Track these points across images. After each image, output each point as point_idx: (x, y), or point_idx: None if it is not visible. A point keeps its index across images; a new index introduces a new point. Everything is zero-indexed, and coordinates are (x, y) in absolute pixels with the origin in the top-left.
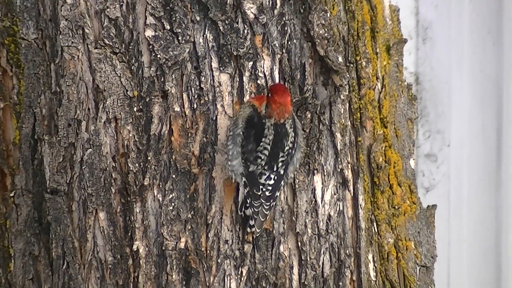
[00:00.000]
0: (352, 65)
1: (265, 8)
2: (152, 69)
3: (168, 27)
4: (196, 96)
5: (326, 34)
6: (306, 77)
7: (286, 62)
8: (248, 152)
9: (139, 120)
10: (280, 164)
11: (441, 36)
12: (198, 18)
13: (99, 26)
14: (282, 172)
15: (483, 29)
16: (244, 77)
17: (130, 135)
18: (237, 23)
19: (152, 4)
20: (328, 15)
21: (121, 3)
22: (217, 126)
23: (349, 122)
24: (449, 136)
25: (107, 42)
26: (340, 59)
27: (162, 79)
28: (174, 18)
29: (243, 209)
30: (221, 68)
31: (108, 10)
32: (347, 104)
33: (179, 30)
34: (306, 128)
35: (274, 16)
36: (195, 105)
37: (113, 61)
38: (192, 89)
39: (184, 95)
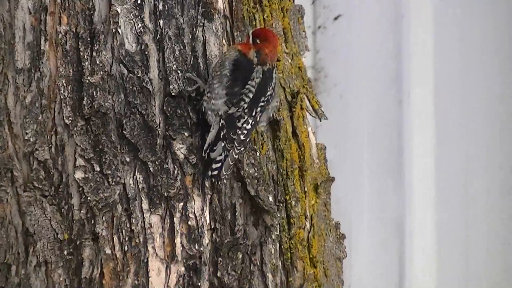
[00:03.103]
0: (281, 205)
1: (195, 148)
2: (82, 211)
3: (98, 168)
4: (127, 238)
5: (256, 174)
6: (236, 217)
7: (217, 203)
8: (232, 94)
9: (70, 263)
10: (259, 109)
11: None
12: (128, 159)
13: (28, 168)
14: (258, 118)
15: None
16: (174, 218)
17: (61, 278)
18: (167, 163)
19: (81, 145)
20: (258, 154)
21: (50, 145)
22: (148, 269)
23: (280, 262)
24: None
25: (36, 185)
26: (270, 198)
27: (93, 222)
28: (104, 160)
29: (207, 151)
30: (151, 210)
31: (36, 152)
32: (278, 244)
33: (109, 172)
34: (238, 269)
35: None
36: (126, 248)
37: (43, 204)
38: (123, 231)
39: (115, 238)
